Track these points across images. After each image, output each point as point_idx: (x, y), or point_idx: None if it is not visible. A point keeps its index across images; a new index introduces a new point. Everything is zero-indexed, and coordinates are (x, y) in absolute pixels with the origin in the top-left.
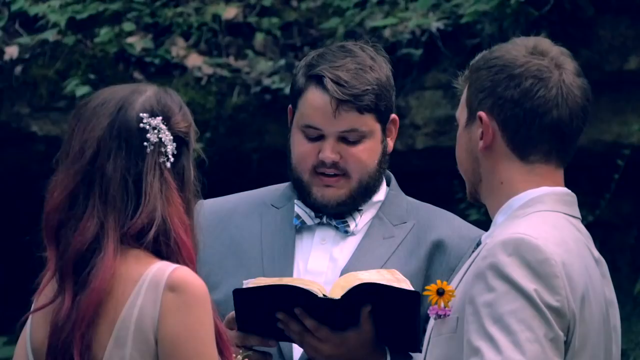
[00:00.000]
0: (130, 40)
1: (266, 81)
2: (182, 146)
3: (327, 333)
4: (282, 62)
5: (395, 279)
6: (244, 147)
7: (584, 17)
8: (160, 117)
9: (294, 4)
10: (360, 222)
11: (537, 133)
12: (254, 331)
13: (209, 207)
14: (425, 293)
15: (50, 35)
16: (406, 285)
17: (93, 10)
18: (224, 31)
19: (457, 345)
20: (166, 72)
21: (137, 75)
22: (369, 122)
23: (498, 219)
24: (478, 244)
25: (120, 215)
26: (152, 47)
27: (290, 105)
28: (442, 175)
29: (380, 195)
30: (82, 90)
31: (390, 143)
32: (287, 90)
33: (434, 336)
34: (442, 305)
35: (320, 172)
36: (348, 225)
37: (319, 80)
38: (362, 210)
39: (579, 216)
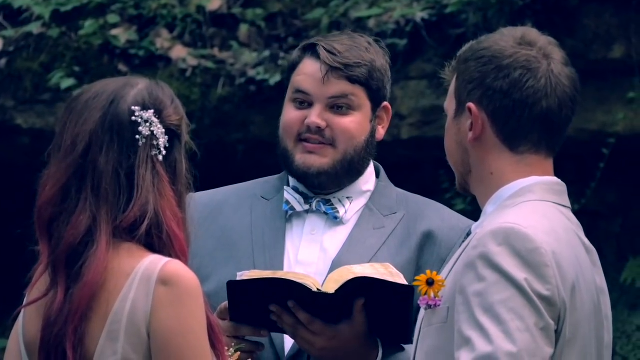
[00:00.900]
0: (114, 32)
1: (251, 72)
2: (174, 139)
3: (320, 326)
4: (267, 53)
5: (389, 273)
6: (229, 139)
7: (569, 7)
8: (152, 110)
9: None
10: (350, 210)
11: (526, 123)
12: (247, 322)
13: (199, 200)
14: (415, 283)
15: (35, 27)
16: (400, 279)
17: (77, 3)
18: (209, 23)
19: (448, 335)
20: (151, 64)
21: (121, 67)
22: (359, 94)
23: (488, 209)
24: (468, 234)
25: (112, 208)
26: (137, 39)
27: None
28: (428, 165)
29: (370, 185)
30: (66, 82)
31: (381, 131)
32: (272, 82)
33: (424, 326)
34: (432, 295)
35: (304, 138)
36: (337, 211)
37: (313, 50)
38: (351, 198)
39: (569, 205)
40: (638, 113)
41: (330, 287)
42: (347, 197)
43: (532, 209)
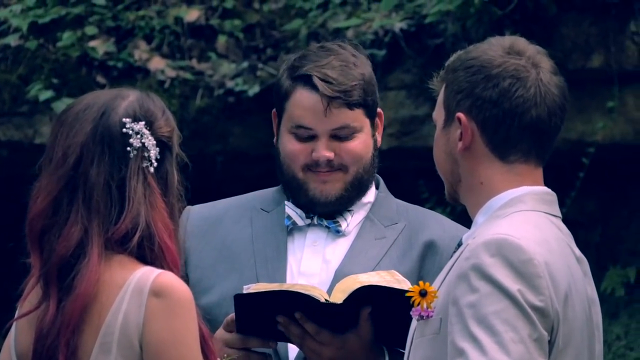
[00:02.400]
0: (92, 44)
1: (229, 83)
2: (165, 151)
3: (328, 336)
4: (245, 64)
5: (396, 280)
6: (208, 150)
7: (547, 16)
8: (143, 122)
9: (256, 6)
10: (352, 222)
11: (516, 132)
12: (254, 333)
13: (197, 213)
14: (407, 294)
15: (12, 39)
16: (406, 285)
17: (55, 15)
18: (187, 34)
19: (440, 346)
20: (129, 76)
21: (100, 79)
22: (359, 117)
23: (479, 219)
24: (459, 245)
25: (104, 220)
26: (115, 50)
27: (274, 110)
28: (407, 175)
29: (370, 196)
30: (45, 94)
31: (379, 138)
32: (251, 93)
33: (416, 337)
34: (425, 306)
35: (314, 170)
36: (339, 225)
37: (306, 80)
38: (352, 210)
39: (560, 215)
40: (617, 122)
41: (338, 297)
42: (349, 211)
43: (523, 219)
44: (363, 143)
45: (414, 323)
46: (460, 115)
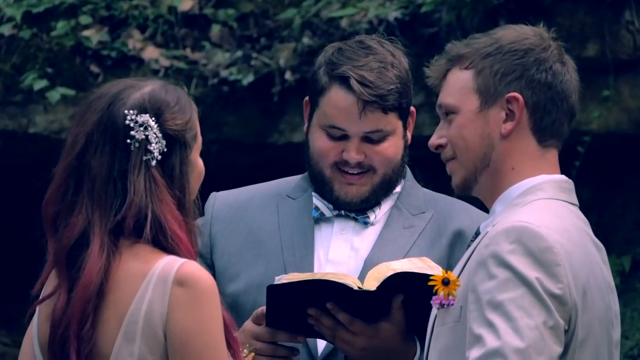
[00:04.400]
0: (86, 33)
1: (223, 73)
2: (174, 144)
3: (361, 326)
4: (239, 53)
5: (428, 266)
6: (202, 139)
7: (542, 5)
8: (149, 114)
9: None
10: (379, 212)
11: (561, 116)
12: (283, 327)
13: (223, 199)
14: (430, 283)
15: (6, 29)
16: (439, 271)
17: (49, 4)
18: (180, 23)
19: (461, 334)
20: (123, 65)
21: (93, 68)
22: (393, 121)
23: (497, 207)
24: (477, 233)
25: (105, 211)
26: (109, 40)
27: (306, 98)
28: None
29: (397, 187)
30: (39, 84)
31: (409, 135)
32: (245, 82)
33: (437, 326)
34: (447, 294)
35: (342, 169)
36: (368, 217)
37: (343, 80)
38: (380, 204)
39: (577, 203)
40: (612, 111)
41: (371, 285)
42: (377, 204)
43: (543, 207)
44: (394, 146)
45: (434, 312)
46: (518, 95)
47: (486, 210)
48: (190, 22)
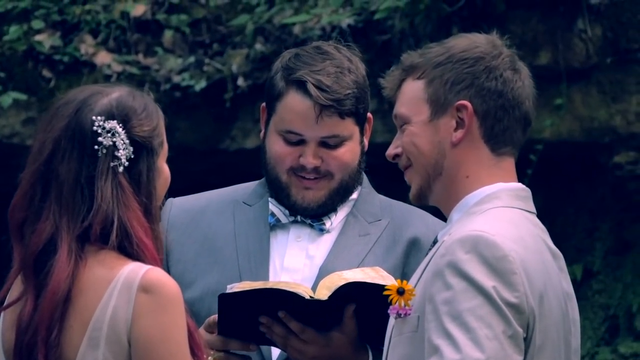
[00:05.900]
0: (38, 38)
1: (176, 78)
2: (141, 150)
3: (313, 334)
4: (192, 59)
5: (380, 276)
6: None
7: (495, 13)
8: (116, 121)
9: (202, 1)
10: (335, 219)
11: (513, 123)
12: (235, 335)
13: (179, 205)
14: (385, 293)
15: None
16: (391, 282)
17: (1, 8)
18: (133, 28)
19: (418, 344)
20: (75, 70)
21: (46, 73)
22: (349, 126)
23: (454, 216)
24: (435, 242)
25: (73, 217)
26: (61, 44)
27: (263, 104)
28: None
29: (354, 193)
30: None
31: (366, 141)
32: (198, 88)
33: (394, 336)
34: (403, 304)
35: (299, 174)
36: (324, 224)
37: (300, 84)
38: (336, 210)
39: (534, 211)
40: (565, 120)
41: (323, 294)
42: (333, 210)
43: (499, 215)
44: (351, 151)
45: (391, 321)
46: (467, 103)
47: (444, 219)
48: (143, 27)
